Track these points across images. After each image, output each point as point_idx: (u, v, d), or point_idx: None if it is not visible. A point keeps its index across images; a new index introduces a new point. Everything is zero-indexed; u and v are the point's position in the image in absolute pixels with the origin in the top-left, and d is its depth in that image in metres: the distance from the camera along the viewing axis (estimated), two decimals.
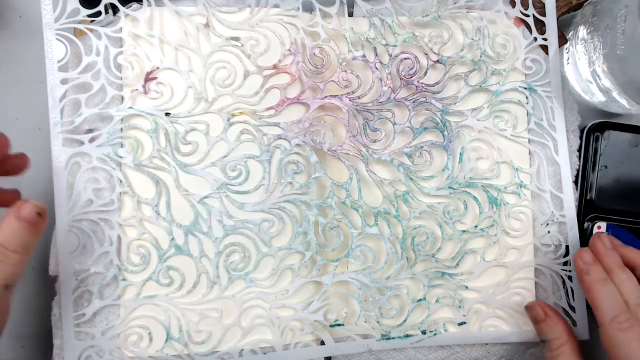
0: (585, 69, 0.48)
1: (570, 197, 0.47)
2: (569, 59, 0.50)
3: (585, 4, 0.49)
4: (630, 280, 0.41)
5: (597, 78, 0.48)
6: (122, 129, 0.44)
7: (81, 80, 0.43)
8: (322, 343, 0.46)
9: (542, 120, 0.47)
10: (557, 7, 0.48)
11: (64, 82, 0.43)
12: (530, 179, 0.47)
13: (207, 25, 0.44)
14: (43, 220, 0.36)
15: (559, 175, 0.47)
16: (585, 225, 0.49)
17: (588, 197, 0.49)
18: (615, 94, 0.47)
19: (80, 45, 0.43)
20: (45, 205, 0.37)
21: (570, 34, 0.50)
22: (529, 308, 0.46)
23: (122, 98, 0.44)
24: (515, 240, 0.47)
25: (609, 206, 0.49)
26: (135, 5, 0.44)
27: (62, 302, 0.42)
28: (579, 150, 0.49)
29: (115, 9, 0.44)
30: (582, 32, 0.48)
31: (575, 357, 0.42)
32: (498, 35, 0.47)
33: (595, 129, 0.50)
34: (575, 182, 0.48)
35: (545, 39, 0.48)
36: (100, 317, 0.43)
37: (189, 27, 0.44)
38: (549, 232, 0.47)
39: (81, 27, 0.43)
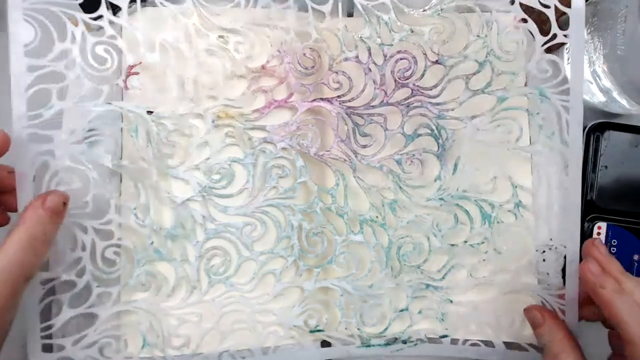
0: (585, 69, 0.47)
1: (575, 226, 0.43)
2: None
3: (585, 4, 0.45)
4: (637, 286, 0.38)
5: (597, 78, 0.47)
6: (99, 126, 0.41)
7: (52, 68, 0.40)
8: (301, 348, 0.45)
9: (553, 134, 0.43)
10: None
11: (31, 69, 0.39)
12: (530, 198, 0.45)
13: (194, 23, 0.41)
14: (65, 209, 0.38)
15: (565, 198, 0.43)
16: (585, 225, 0.49)
17: (588, 197, 0.49)
18: (615, 94, 0.47)
19: (52, 29, 0.39)
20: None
21: None
22: (526, 310, 0.43)
23: (101, 92, 0.41)
24: (505, 261, 0.45)
25: (609, 206, 0.49)
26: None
27: (27, 313, 0.40)
28: None
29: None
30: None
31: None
32: (508, 31, 0.43)
33: (595, 129, 0.50)
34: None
35: (566, 36, 0.41)
36: (71, 327, 0.42)
37: (176, 24, 0.41)
38: (544, 259, 0.44)
39: (54, 9, 0.40)
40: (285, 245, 0.44)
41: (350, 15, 0.44)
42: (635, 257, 0.49)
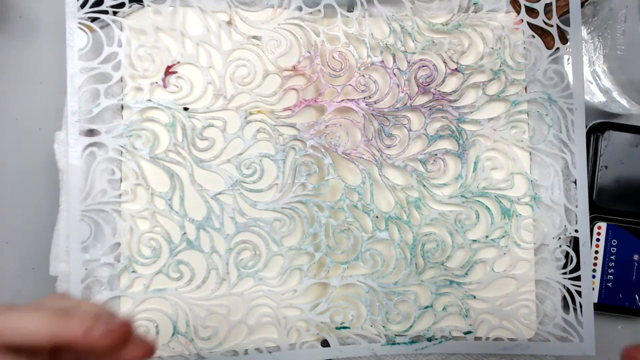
0: (585, 69, 0.48)
1: (584, 212, 0.46)
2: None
3: (585, 4, 0.48)
4: None
5: (597, 78, 0.48)
6: (139, 121, 0.44)
7: (101, 70, 0.43)
8: (326, 344, 0.46)
9: (560, 132, 0.46)
10: (557, 7, 0.47)
11: (83, 70, 0.43)
12: (544, 191, 0.47)
13: (229, 23, 0.44)
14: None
15: (574, 189, 0.47)
16: None
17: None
18: (615, 94, 0.47)
19: (102, 35, 0.43)
20: None
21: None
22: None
23: (142, 90, 0.44)
24: (525, 252, 0.47)
25: (609, 206, 0.50)
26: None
27: (71, 292, 0.42)
28: None
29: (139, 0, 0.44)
30: (582, 32, 0.48)
31: None
32: (518, 45, 0.47)
33: (595, 129, 0.50)
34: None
35: (568, 50, 0.47)
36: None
37: (211, 23, 0.44)
38: (560, 245, 0.46)
39: (104, 17, 0.43)
40: (313, 241, 0.45)
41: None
42: (635, 257, 0.49)
